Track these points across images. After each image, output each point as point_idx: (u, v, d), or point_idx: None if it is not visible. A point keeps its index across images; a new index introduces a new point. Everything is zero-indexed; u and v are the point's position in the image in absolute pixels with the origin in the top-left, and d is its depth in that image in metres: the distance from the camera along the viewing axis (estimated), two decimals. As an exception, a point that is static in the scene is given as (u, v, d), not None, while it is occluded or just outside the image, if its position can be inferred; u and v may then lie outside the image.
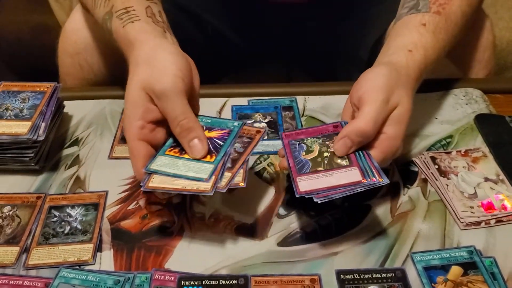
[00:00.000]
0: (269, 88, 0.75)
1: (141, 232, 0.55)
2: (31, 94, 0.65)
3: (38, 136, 0.60)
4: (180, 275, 0.50)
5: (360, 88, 0.53)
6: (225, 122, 0.56)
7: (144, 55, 0.54)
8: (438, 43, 0.59)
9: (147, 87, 0.52)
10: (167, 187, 0.50)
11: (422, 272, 0.50)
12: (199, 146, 0.52)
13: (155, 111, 0.52)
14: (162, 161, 0.52)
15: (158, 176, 0.51)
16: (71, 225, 0.55)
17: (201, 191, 0.49)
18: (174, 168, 0.51)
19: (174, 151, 0.53)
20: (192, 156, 0.52)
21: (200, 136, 0.52)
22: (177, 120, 0.52)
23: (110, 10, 0.60)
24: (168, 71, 0.52)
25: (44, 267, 0.51)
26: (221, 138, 0.54)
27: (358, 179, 0.49)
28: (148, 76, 0.52)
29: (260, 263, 0.52)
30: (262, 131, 0.55)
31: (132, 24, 0.58)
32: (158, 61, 0.53)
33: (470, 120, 0.69)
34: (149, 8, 0.60)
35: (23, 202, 0.58)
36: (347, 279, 0.49)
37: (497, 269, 0.50)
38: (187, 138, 0.52)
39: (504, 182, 0.59)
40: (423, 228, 0.55)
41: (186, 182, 0.50)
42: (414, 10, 0.61)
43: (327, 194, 0.48)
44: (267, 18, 0.85)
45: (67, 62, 0.81)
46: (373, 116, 0.51)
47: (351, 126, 0.52)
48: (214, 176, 0.50)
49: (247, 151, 0.53)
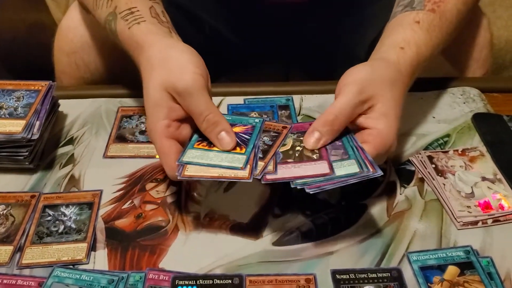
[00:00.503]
0: (266, 87, 0.75)
1: (135, 231, 0.55)
2: (26, 93, 0.65)
3: (32, 134, 0.60)
4: (174, 274, 0.49)
5: (339, 84, 0.54)
6: (246, 119, 0.57)
7: (157, 56, 0.54)
8: (431, 41, 0.59)
9: (169, 86, 0.52)
10: (204, 175, 0.50)
11: (418, 272, 0.49)
12: (227, 139, 0.52)
13: (179, 110, 0.53)
14: (193, 154, 0.52)
15: (193, 166, 0.51)
16: (65, 224, 0.55)
17: (240, 178, 0.49)
18: (207, 159, 0.51)
19: (202, 144, 0.53)
20: (223, 148, 0.52)
21: (227, 129, 0.53)
22: (203, 115, 0.52)
23: (113, 11, 0.60)
24: (187, 69, 0.52)
25: (37, 267, 0.51)
26: (246, 132, 0.55)
27: (355, 171, 0.49)
28: (168, 76, 0.52)
29: (255, 263, 0.51)
30: (288, 126, 0.56)
31: (138, 25, 0.57)
32: (174, 61, 0.53)
33: (468, 119, 0.68)
34: (152, 8, 0.60)
35: (17, 201, 0.58)
36: (342, 279, 0.49)
37: (494, 269, 0.50)
38: (214, 132, 0.53)
39: (502, 181, 0.58)
40: (419, 228, 0.55)
41: (222, 170, 0.50)
42: (409, 8, 0.61)
43: (319, 185, 0.48)
44: (265, 18, 0.84)
45: (63, 61, 0.81)
46: (339, 106, 0.52)
47: (318, 118, 0.53)
48: (249, 165, 0.50)
49: (276, 143, 0.54)
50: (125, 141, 0.66)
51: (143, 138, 0.66)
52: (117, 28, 0.59)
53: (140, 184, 0.60)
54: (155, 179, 0.60)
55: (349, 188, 0.59)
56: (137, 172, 0.62)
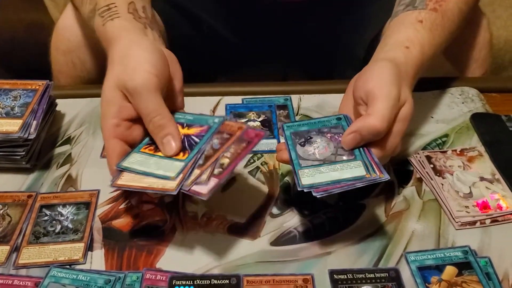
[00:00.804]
0: (264, 86, 0.75)
1: (132, 231, 0.55)
2: (23, 92, 0.65)
3: (29, 134, 0.60)
4: (172, 274, 0.49)
5: (368, 82, 0.52)
6: (206, 119, 0.54)
7: (119, 52, 0.54)
8: (434, 40, 0.58)
9: (120, 84, 0.51)
10: (134, 185, 0.49)
11: (416, 272, 0.49)
12: (171, 144, 0.51)
13: (129, 109, 0.52)
14: (135, 159, 0.51)
15: (129, 173, 0.50)
16: (62, 224, 0.55)
17: (165, 190, 0.47)
18: (145, 166, 0.50)
19: (149, 148, 0.52)
20: (165, 154, 0.51)
21: (173, 133, 0.51)
22: (149, 117, 0.51)
23: (94, 7, 0.60)
24: (140, 68, 0.51)
25: (34, 267, 0.51)
26: (198, 135, 0.52)
27: (362, 173, 0.48)
28: (121, 73, 0.52)
29: (253, 263, 0.51)
30: (243, 126, 0.52)
31: (111, 22, 0.57)
32: (131, 58, 0.52)
33: (466, 119, 0.68)
34: (132, 3, 0.59)
35: (14, 201, 0.57)
36: (340, 279, 0.49)
37: (492, 269, 0.49)
38: (159, 135, 0.52)
39: (500, 181, 0.58)
40: (417, 228, 0.54)
41: (153, 180, 0.49)
42: (411, 7, 0.60)
43: (326, 188, 0.47)
44: (263, 17, 0.84)
45: (60, 60, 0.81)
46: (387, 114, 0.49)
47: (364, 122, 0.49)
48: (182, 174, 0.48)
49: (222, 148, 0.51)
50: (123, 141, 0.66)
51: (140, 138, 0.66)
52: (95, 24, 0.59)
53: (137, 184, 0.60)
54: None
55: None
56: (135, 172, 0.61)
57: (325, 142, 0.52)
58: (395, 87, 0.51)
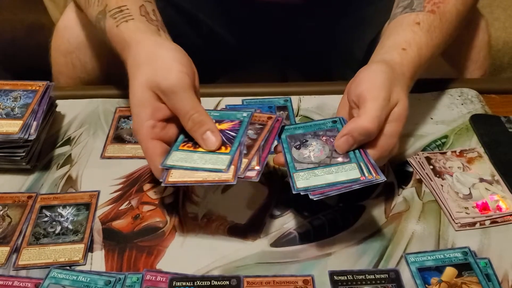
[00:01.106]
0: (264, 87, 0.75)
1: (133, 232, 0.55)
2: (23, 93, 0.65)
3: (29, 135, 0.60)
4: (172, 275, 0.49)
5: (359, 85, 0.53)
6: (234, 114, 0.56)
7: (144, 54, 0.54)
8: (432, 41, 0.58)
9: (154, 86, 0.52)
10: (188, 180, 0.49)
11: (416, 273, 0.49)
12: (212, 138, 0.52)
13: (164, 109, 0.52)
14: (177, 156, 0.52)
15: (177, 170, 0.50)
16: (62, 225, 0.55)
17: (224, 181, 0.49)
18: (191, 162, 0.51)
19: (187, 145, 0.53)
20: (207, 149, 0.52)
21: (213, 128, 0.52)
22: (188, 115, 0.52)
23: (103, 9, 0.60)
24: (172, 68, 0.52)
25: (34, 268, 0.51)
26: (232, 129, 0.54)
27: (356, 176, 0.49)
28: (153, 75, 0.52)
29: (253, 264, 0.51)
30: (273, 116, 0.55)
31: (126, 24, 0.57)
32: (160, 59, 0.53)
33: (466, 121, 0.68)
34: (142, 6, 0.59)
35: (14, 202, 0.57)
36: (340, 280, 0.49)
37: (492, 270, 0.50)
38: (199, 132, 0.52)
39: (499, 182, 0.58)
40: (417, 229, 0.55)
41: (206, 174, 0.49)
42: (409, 9, 0.60)
43: (322, 191, 0.48)
44: (262, 18, 0.84)
45: (60, 61, 0.81)
46: (377, 114, 0.50)
47: (355, 124, 0.50)
48: (233, 165, 0.50)
49: (261, 136, 0.53)
50: (123, 142, 0.66)
51: (140, 139, 0.66)
52: (106, 26, 0.59)
53: (137, 185, 0.60)
54: (152, 180, 0.60)
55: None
56: (135, 173, 0.61)
57: (321, 145, 0.53)
58: (384, 88, 0.51)
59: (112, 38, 0.59)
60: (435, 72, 0.77)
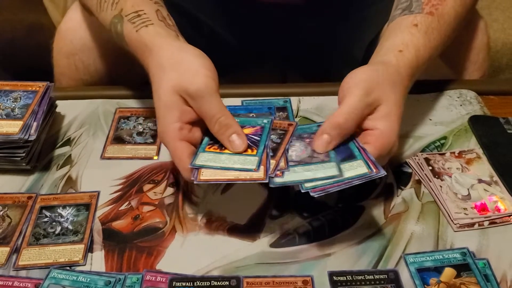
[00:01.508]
0: (263, 88, 0.75)
1: (132, 232, 0.55)
2: (23, 94, 0.65)
3: (29, 135, 0.60)
4: (172, 276, 0.49)
5: (343, 86, 0.54)
6: (255, 120, 0.57)
7: (168, 58, 0.55)
8: (430, 43, 0.59)
9: (181, 90, 0.52)
10: (220, 178, 0.50)
11: (415, 274, 0.50)
12: (239, 141, 0.53)
13: (190, 113, 0.53)
14: (205, 157, 0.52)
15: (207, 170, 0.51)
16: (62, 226, 0.55)
17: (256, 179, 0.50)
18: (219, 162, 0.52)
19: (213, 147, 0.54)
20: (234, 150, 0.53)
21: (239, 131, 0.53)
22: (214, 118, 0.53)
23: (119, 13, 0.60)
24: (199, 72, 0.53)
25: (34, 268, 0.51)
26: (255, 134, 0.55)
27: (364, 171, 0.49)
28: (179, 79, 0.53)
29: (253, 264, 0.51)
30: (294, 123, 0.57)
31: (146, 28, 0.58)
32: (186, 64, 0.54)
33: (464, 122, 0.69)
34: (159, 11, 0.60)
35: (14, 202, 0.57)
36: (339, 280, 0.49)
37: (490, 271, 0.50)
38: (226, 134, 0.53)
39: (498, 183, 0.59)
40: (416, 230, 0.55)
41: (237, 173, 0.50)
42: (407, 11, 0.61)
43: (323, 188, 0.48)
44: (262, 19, 0.85)
45: (63, 63, 0.80)
46: (347, 109, 0.52)
47: (327, 121, 0.53)
48: (262, 165, 0.51)
49: (285, 141, 0.54)
50: (123, 142, 0.66)
51: (140, 139, 0.66)
52: (124, 30, 0.59)
53: (137, 186, 0.60)
54: (152, 181, 0.60)
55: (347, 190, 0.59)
56: (135, 173, 0.61)
57: (303, 146, 0.54)
58: (361, 86, 0.53)
59: (131, 42, 0.59)
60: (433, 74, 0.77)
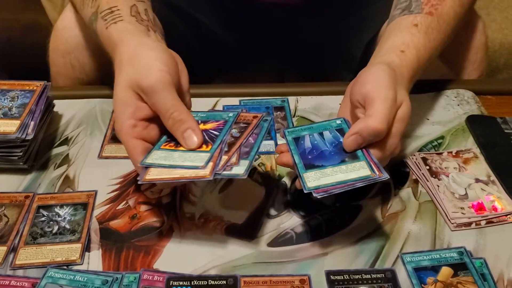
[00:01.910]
0: (261, 88, 0.75)
1: (130, 232, 0.55)
2: (20, 93, 0.65)
3: (27, 135, 0.60)
4: (169, 275, 0.49)
5: (364, 85, 0.52)
6: (220, 114, 0.56)
7: (127, 54, 0.54)
8: (430, 43, 0.59)
9: (134, 85, 0.52)
10: (165, 177, 0.49)
11: (412, 273, 0.50)
12: (192, 137, 0.52)
13: (145, 109, 0.52)
14: (157, 155, 0.52)
15: (155, 169, 0.51)
16: (60, 225, 0.55)
17: (200, 177, 0.48)
18: (170, 160, 0.51)
19: (169, 145, 0.53)
20: (187, 147, 0.52)
21: (193, 127, 0.52)
22: (168, 113, 0.52)
23: (96, 10, 0.60)
24: (153, 67, 0.52)
25: (31, 267, 0.51)
26: (216, 129, 0.54)
27: (366, 174, 0.48)
28: (134, 74, 0.52)
29: (250, 264, 0.51)
30: (259, 115, 0.55)
31: (115, 25, 0.58)
32: (141, 59, 0.53)
33: (462, 121, 0.69)
34: (134, 6, 0.59)
35: (11, 202, 0.57)
36: (336, 279, 0.49)
37: (487, 270, 0.50)
38: (180, 130, 0.52)
39: (495, 183, 0.59)
40: (413, 229, 0.55)
41: (184, 171, 0.49)
42: (407, 11, 0.61)
43: (326, 189, 0.48)
44: (260, 18, 0.85)
45: (59, 62, 0.80)
46: (386, 115, 0.50)
47: (365, 124, 0.50)
48: (211, 162, 0.50)
49: (244, 135, 0.53)
50: (120, 142, 0.65)
51: (138, 139, 0.66)
52: (97, 28, 0.59)
53: (135, 185, 0.60)
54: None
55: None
56: (132, 172, 0.61)
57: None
58: (391, 89, 0.51)
59: (103, 39, 0.59)
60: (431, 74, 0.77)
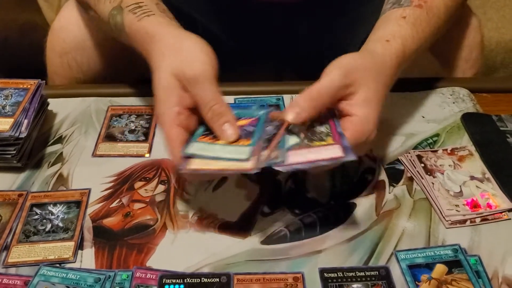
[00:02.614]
0: (256, 86, 0.75)
1: (123, 230, 0.54)
2: (14, 91, 0.64)
3: (20, 133, 0.59)
4: (162, 273, 0.49)
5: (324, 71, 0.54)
6: (250, 112, 0.56)
7: (169, 45, 0.55)
8: (418, 34, 0.59)
9: (179, 73, 0.52)
10: (209, 167, 0.49)
11: (406, 270, 0.49)
12: (231, 130, 0.52)
13: (188, 98, 0.53)
14: (198, 146, 0.52)
15: (197, 159, 0.50)
16: (53, 223, 0.55)
17: (244, 170, 0.49)
18: (212, 152, 0.51)
19: (206, 138, 0.53)
20: (225, 139, 0.52)
21: (231, 121, 0.52)
22: (208, 105, 0.52)
23: (118, 5, 0.60)
24: (198, 58, 0.53)
25: (24, 265, 0.51)
26: (251, 125, 0.54)
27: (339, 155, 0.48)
28: (178, 63, 0.52)
29: (243, 261, 0.51)
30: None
31: (148, 18, 0.58)
32: (186, 49, 0.54)
33: (457, 119, 0.69)
34: (159, 4, 0.61)
35: (4, 200, 0.57)
36: (330, 277, 0.49)
37: (482, 267, 0.50)
38: (218, 123, 0.52)
39: (490, 180, 0.59)
40: (408, 226, 0.55)
41: (227, 163, 0.49)
42: (396, 5, 0.62)
43: (290, 163, 0.48)
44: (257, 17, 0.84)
45: (56, 62, 0.80)
46: (322, 84, 0.51)
47: (301, 94, 0.52)
48: (253, 156, 0.49)
49: (280, 132, 0.53)
50: (114, 140, 0.66)
51: (132, 137, 0.66)
52: (125, 21, 0.60)
53: (128, 183, 0.60)
54: (143, 178, 0.60)
55: (338, 187, 0.59)
56: (126, 171, 0.61)
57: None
58: (340, 67, 0.53)
59: (132, 32, 0.59)
60: (427, 71, 0.77)
